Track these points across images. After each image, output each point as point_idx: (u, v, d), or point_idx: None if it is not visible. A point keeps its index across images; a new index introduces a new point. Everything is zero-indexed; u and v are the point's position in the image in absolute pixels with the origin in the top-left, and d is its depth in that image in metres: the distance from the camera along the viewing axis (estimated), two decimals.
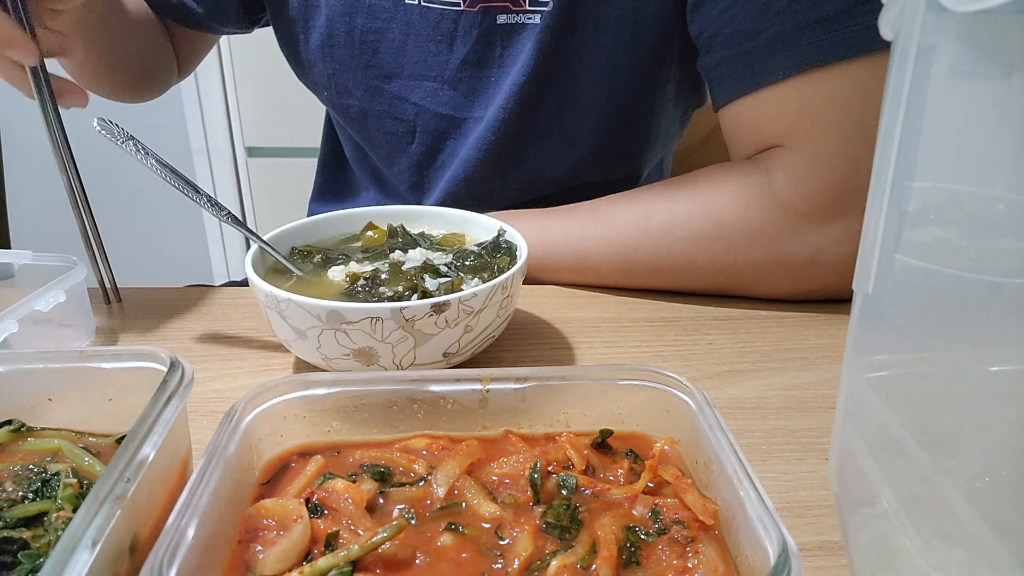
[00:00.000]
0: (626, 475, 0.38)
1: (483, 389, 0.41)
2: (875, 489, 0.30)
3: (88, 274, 0.59)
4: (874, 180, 0.30)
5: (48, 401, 0.41)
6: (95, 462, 0.39)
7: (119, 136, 0.56)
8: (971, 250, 0.28)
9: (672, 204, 0.66)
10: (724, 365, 0.57)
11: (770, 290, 0.66)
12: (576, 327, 0.62)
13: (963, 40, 0.26)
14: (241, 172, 2.06)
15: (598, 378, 0.41)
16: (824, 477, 0.44)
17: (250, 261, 0.53)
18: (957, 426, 0.29)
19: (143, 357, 0.39)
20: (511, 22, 0.72)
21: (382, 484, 0.37)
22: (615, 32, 0.70)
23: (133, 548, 0.33)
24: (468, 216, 0.64)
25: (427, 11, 0.74)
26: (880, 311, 0.31)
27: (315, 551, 0.33)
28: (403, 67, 0.77)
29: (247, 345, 0.60)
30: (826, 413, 0.51)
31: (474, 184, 0.80)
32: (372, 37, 0.76)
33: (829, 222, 0.61)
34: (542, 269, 0.70)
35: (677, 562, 0.33)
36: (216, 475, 0.33)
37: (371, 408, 0.41)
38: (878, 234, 0.29)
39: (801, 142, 0.62)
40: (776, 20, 0.60)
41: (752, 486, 0.32)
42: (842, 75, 0.59)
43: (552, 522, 0.35)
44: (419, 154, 0.82)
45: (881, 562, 0.30)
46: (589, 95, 0.74)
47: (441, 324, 0.49)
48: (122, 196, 2.15)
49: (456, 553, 0.34)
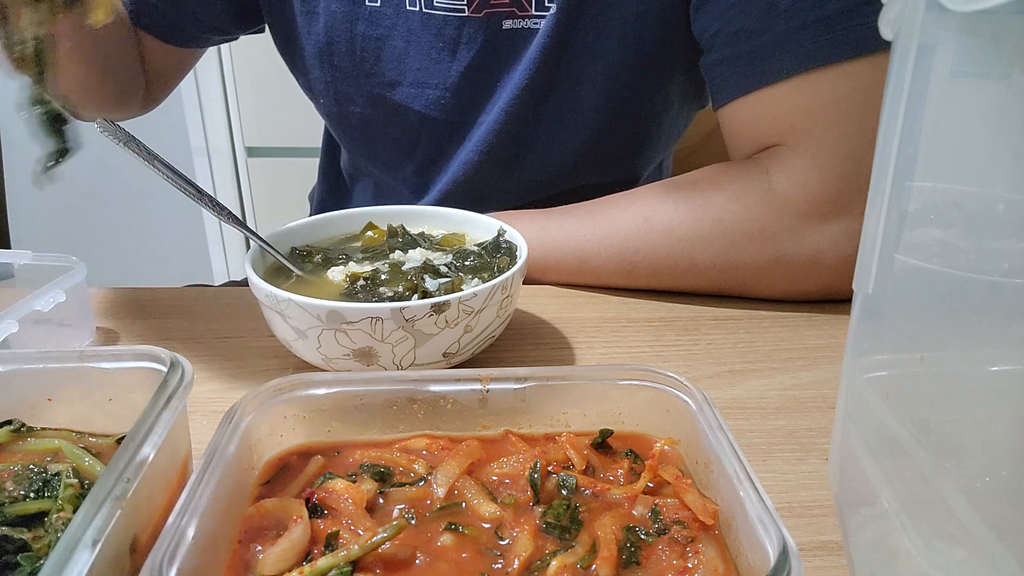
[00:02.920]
0: (626, 475, 0.38)
1: (483, 389, 0.41)
2: (875, 489, 0.30)
3: (88, 274, 0.58)
4: (874, 180, 0.30)
5: (48, 401, 0.41)
6: (95, 462, 0.39)
7: (120, 136, 0.56)
8: (971, 250, 0.28)
9: (672, 204, 0.66)
10: (724, 365, 0.57)
11: (770, 290, 0.66)
12: (576, 327, 0.62)
13: (963, 40, 0.26)
14: (241, 172, 2.06)
15: (598, 378, 0.41)
16: (824, 477, 0.44)
17: (250, 261, 0.53)
18: (957, 426, 0.29)
19: (143, 357, 0.39)
20: (516, 27, 0.72)
21: (382, 484, 0.37)
22: (618, 35, 0.70)
23: (133, 548, 0.33)
24: (468, 216, 0.64)
25: (429, 18, 0.73)
26: (880, 311, 0.31)
27: (315, 551, 0.33)
28: (405, 75, 0.76)
29: (247, 345, 0.60)
30: (826, 413, 0.51)
31: (474, 186, 0.79)
32: (374, 45, 0.76)
33: (829, 222, 0.61)
34: (542, 269, 0.70)
35: (677, 562, 0.33)
36: (216, 475, 0.33)
37: (371, 408, 0.41)
38: (878, 234, 0.29)
39: (801, 142, 0.62)
40: (779, 19, 0.60)
41: (752, 486, 0.32)
42: (844, 75, 0.59)
43: (552, 522, 0.35)
44: (422, 159, 0.82)
45: (881, 562, 0.30)
46: (590, 97, 0.74)
47: (441, 324, 0.49)
48: (122, 196, 2.16)
49: (456, 553, 0.34)
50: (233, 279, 1.22)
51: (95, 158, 1.45)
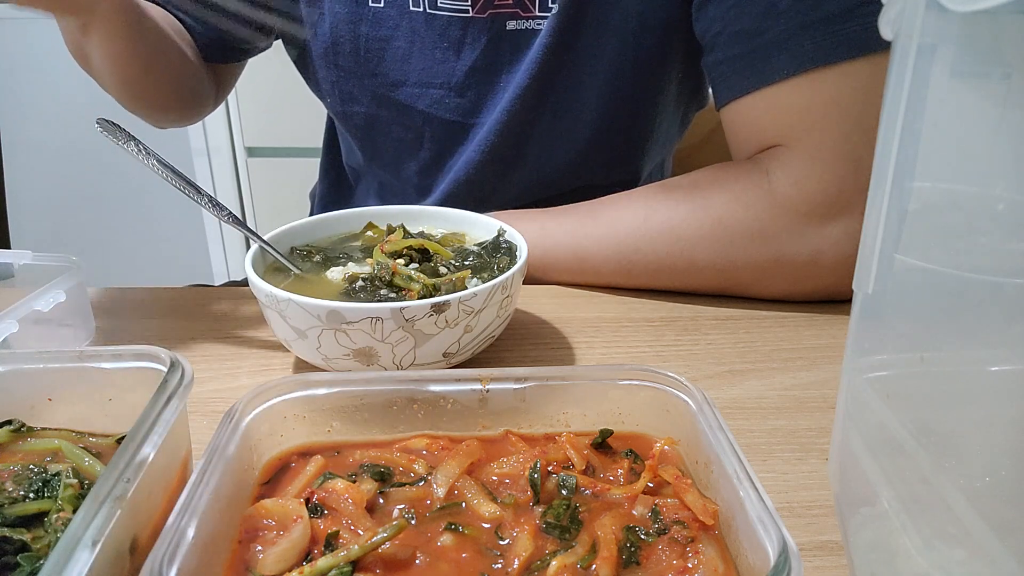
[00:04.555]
0: (626, 475, 0.38)
1: (483, 389, 0.41)
2: (875, 489, 0.30)
3: (88, 274, 0.59)
4: (874, 180, 0.30)
5: (48, 401, 0.41)
6: (95, 462, 0.39)
7: (120, 137, 0.56)
8: (971, 250, 0.28)
9: (672, 204, 0.66)
10: (724, 365, 0.57)
11: (770, 290, 0.66)
12: (576, 327, 0.62)
13: (963, 40, 0.26)
14: (241, 172, 2.06)
15: (598, 378, 0.41)
16: (824, 477, 0.44)
17: (250, 261, 0.53)
18: (957, 426, 0.29)
19: (143, 357, 0.39)
20: (520, 28, 0.72)
21: (382, 484, 0.37)
22: (619, 35, 0.70)
23: (133, 548, 0.33)
24: (468, 216, 0.64)
25: (433, 18, 0.73)
26: (880, 311, 0.31)
27: (315, 551, 0.33)
28: (409, 75, 0.77)
29: (247, 345, 0.60)
30: (826, 413, 0.51)
31: (475, 185, 0.80)
32: (377, 45, 0.76)
33: (829, 222, 0.61)
34: (542, 269, 0.70)
35: (677, 562, 0.33)
36: (216, 475, 0.33)
37: (371, 408, 0.41)
38: (878, 234, 0.29)
39: (802, 142, 0.62)
40: (780, 19, 0.60)
41: (752, 486, 0.32)
42: (844, 75, 0.59)
43: (552, 522, 0.35)
44: (426, 159, 0.82)
45: (881, 562, 0.30)
46: (591, 97, 0.74)
47: (441, 324, 0.49)
48: (122, 196, 2.16)
49: (456, 553, 0.34)
50: (233, 279, 1.22)
51: (95, 158, 1.46)
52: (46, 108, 2.07)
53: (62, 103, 2.02)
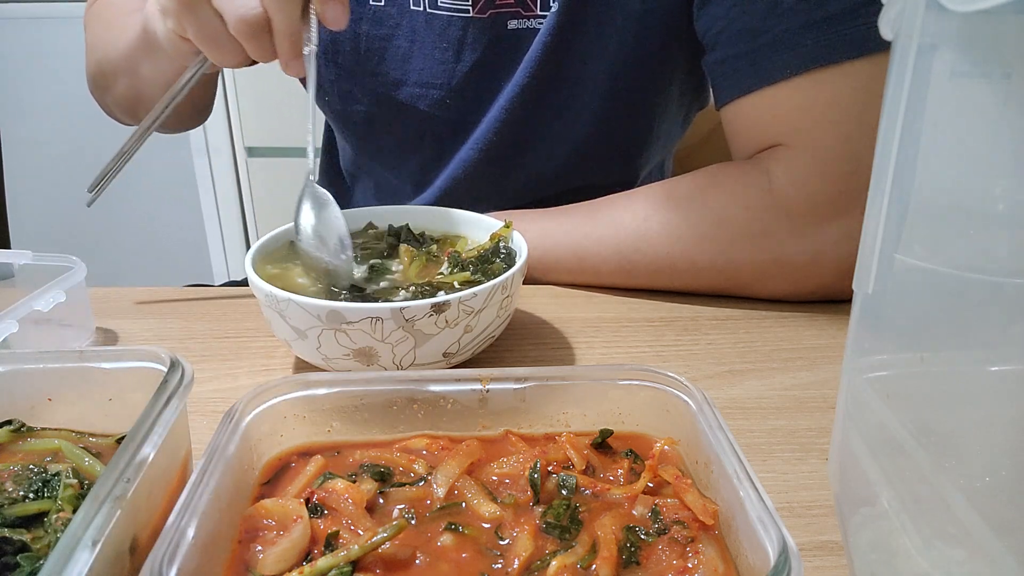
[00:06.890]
0: (626, 475, 0.38)
1: (483, 389, 0.41)
2: (875, 489, 0.30)
3: (88, 274, 0.59)
4: (874, 180, 0.30)
5: (48, 401, 0.41)
6: (95, 462, 0.39)
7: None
8: (971, 250, 0.28)
9: (672, 204, 0.65)
10: (724, 365, 0.57)
11: (770, 290, 0.66)
12: (576, 327, 0.62)
13: (963, 40, 0.26)
14: (241, 172, 2.06)
15: (598, 378, 0.41)
16: (824, 477, 0.44)
17: (250, 261, 0.53)
18: (957, 426, 0.29)
19: (143, 357, 0.39)
20: (521, 27, 0.72)
21: (382, 484, 0.37)
22: (619, 34, 0.70)
23: (133, 548, 0.33)
24: (468, 216, 0.64)
25: (433, 18, 0.73)
26: (880, 311, 0.31)
27: (315, 551, 0.33)
28: (409, 74, 0.76)
29: (247, 345, 0.60)
30: (826, 413, 0.51)
31: (474, 184, 0.79)
32: (378, 44, 0.76)
33: (829, 222, 0.61)
34: (542, 269, 0.70)
35: (677, 562, 0.33)
36: (216, 475, 0.33)
37: (371, 408, 0.41)
38: (878, 234, 0.29)
39: (802, 141, 0.62)
40: (782, 19, 0.60)
41: (752, 486, 0.32)
42: (845, 75, 0.59)
43: (552, 522, 0.35)
44: (425, 158, 0.82)
45: (881, 562, 0.30)
46: (591, 96, 0.74)
47: (441, 324, 0.49)
48: (122, 196, 2.15)
49: (456, 553, 0.34)
50: (233, 279, 1.22)
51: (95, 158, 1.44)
52: (46, 108, 2.07)
53: (62, 103, 2.02)
